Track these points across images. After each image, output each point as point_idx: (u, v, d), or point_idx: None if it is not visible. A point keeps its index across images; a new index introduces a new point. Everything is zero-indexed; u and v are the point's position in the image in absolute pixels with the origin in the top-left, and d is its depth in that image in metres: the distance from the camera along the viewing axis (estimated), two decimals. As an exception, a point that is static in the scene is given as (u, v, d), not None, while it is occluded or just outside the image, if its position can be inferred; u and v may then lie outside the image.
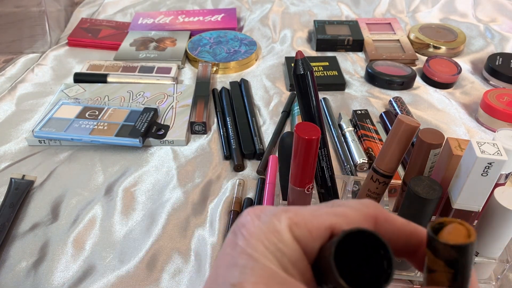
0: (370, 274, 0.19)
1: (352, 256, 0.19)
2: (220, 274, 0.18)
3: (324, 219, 0.19)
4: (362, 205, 0.20)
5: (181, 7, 1.01)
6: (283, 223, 0.19)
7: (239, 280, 0.17)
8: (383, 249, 0.18)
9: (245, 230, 0.19)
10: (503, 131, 0.37)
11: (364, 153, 0.58)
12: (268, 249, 0.18)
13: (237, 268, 0.18)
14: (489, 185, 0.34)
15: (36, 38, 0.86)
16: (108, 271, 0.45)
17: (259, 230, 0.19)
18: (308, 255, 0.19)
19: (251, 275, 0.17)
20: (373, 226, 0.20)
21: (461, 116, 0.68)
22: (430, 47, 0.83)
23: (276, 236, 0.18)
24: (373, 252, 0.18)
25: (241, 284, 0.17)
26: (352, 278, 0.18)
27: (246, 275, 0.17)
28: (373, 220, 0.20)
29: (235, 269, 0.18)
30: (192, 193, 0.54)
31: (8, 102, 0.70)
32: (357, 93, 0.73)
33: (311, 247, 0.19)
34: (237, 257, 0.18)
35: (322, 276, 0.19)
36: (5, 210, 0.50)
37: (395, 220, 0.20)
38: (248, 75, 0.78)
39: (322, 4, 1.03)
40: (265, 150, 0.60)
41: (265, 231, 0.19)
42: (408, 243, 0.20)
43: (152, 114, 0.63)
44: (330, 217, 0.19)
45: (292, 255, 0.19)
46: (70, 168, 0.58)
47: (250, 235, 0.19)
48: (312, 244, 0.19)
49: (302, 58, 0.36)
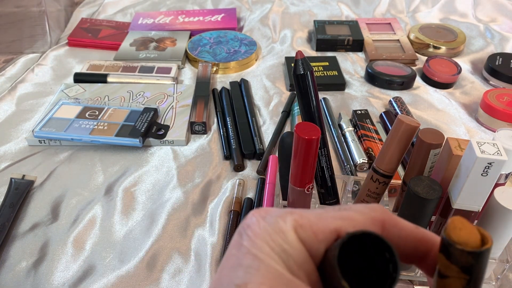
0: (375, 278, 0.19)
1: (357, 259, 0.19)
2: (225, 275, 0.18)
3: (330, 222, 0.19)
4: (369, 209, 0.20)
5: (181, 7, 1.01)
6: (289, 224, 0.19)
7: (244, 281, 0.17)
8: (388, 252, 0.18)
9: (250, 231, 0.19)
10: (503, 131, 0.37)
11: (364, 153, 0.58)
12: (274, 249, 0.18)
13: (242, 268, 0.18)
14: (489, 185, 0.34)
15: (36, 38, 0.86)
16: (108, 271, 0.45)
17: (264, 231, 0.19)
18: (314, 258, 0.19)
19: (256, 275, 0.17)
20: (381, 231, 0.20)
21: (461, 116, 0.68)
22: (430, 47, 0.83)
23: (282, 237, 0.18)
24: (379, 255, 0.18)
25: (245, 285, 0.17)
26: (356, 281, 0.18)
27: (251, 275, 0.17)
28: (380, 224, 0.20)
29: (239, 269, 0.18)
30: (192, 193, 0.54)
31: (8, 102, 0.70)
32: (357, 93, 0.73)
33: (317, 250, 0.19)
34: (242, 258, 0.18)
35: (327, 279, 0.19)
36: (5, 210, 0.50)
37: (404, 225, 0.20)
38: (248, 75, 0.78)
39: (322, 4, 1.03)
40: (265, 150, 0.60)
41: (270, 232, 0.18)
42: (417, 248, 0.20)
43: (152, 114, 0.63)
44: (336, 220, 0.19)
45: (298, 257, 0.18)
46: (70, 168, 0.58)
47: (255, 235, 0.18)
48: (317, 246, 0.19)
49: (302, 58, 0.36)
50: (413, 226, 0.20)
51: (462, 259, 0.18)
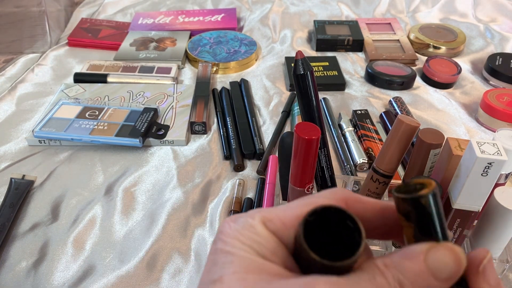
0: (344, 250, 0.19)
1: (326, 237, 0.20)
2: (203, 278, 0.19)
3: (295, 210, 0.20)
4: (330, 192, 0.21)
5: (181, 7, 1.01)
6: (257, 219, 0.20)
7: (219, 275, 0.18)
8: (351, 221, 0.19)
9: (222, 234, 0.20)
10: (503, 131, 0.37)
11: (364, 153, 0.58)
12: (245, 243, 0.19)
13: (217, 266, 0.19)
14: (489, 185, 0.34)
15: (36, 38, 0.86)
16: (108, 271, 0.45)
17: (235, 230, 0.20)
18: (288, 246, 0.20)
19: (230, 267, 0.18)
20: (345, 207, 0.21)
21: (461, 116, 0.68)
22: (430, 47, 0.83)
23: (251, 231, 0.19)
24: (344, 228, 0.19)
25: (221, 278, 0.18)
26: (328, 256, 0.18)
27: (225, 269, 0.18)
28: (344, 203, 0.21)
29: (215, 267, 0.19)
30: (192, 193, 0.54)
31: (8, 102, 0.70)
32: (357, 93, 0.73)
33: (288, 237, 0.20)
34: (216, 258, 0.19)
35: (301, 261, 0.20)
36: (5, 210, 0.50)
37: (366, 200, 0.21)
38: (248, 75, 0.78)
39: (322, 4, 1.03)
40: (265, 150, 0.60)
41: (240, 229, 0.20)
42: (384, 218, 0.21)
43: (152, 114, 0.63)
44: (301, 207, 0.20)
45: (269, 245, 0.19)
46: (70, 168, 0.58)
47: (227, 236, 0.20)
48: (287, 233, 0.20)
49: (302, 58, 0.36)
50: (375, 200, 0.21)
51: (401, 206, 0.19)
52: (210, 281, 0.18)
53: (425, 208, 0.18)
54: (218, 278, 0.18)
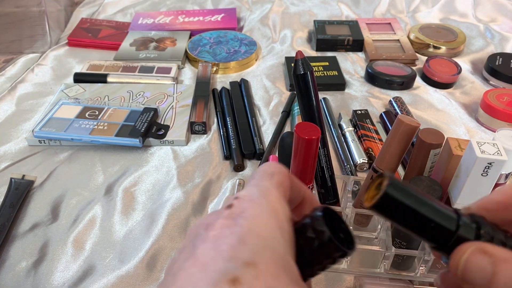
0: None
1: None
2: (223, 249, 0.18)
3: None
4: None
5: (181, 7, 1.01)
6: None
7: (252, 259, 0.17)
8: (343, 227, 0.21)
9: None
10: (503, 131, 0.37)
11: (364, 153, 0.58)
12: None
13: (247, 246, 0.17)
14: (489, 185, 0.34)
15: (36, 38, 0.86)
16: (108, 271, 0.45)
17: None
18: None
19: (263, 254, 0.18)
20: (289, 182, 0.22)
21: (461, 116, 0.68)
22: (430, 47, 0.83)
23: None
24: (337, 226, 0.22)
25: (255, 264, 0.17)
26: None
27: (259, 254, 0.17)
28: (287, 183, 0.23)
29: (244, 247, 0.17)
30: (192, 193, 0.54)
31: (8, 102, 0.70)
32: (357, 93, 0.73)
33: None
34: (245, 237, 0.19)
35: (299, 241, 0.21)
36: (5, 210, 0.50)
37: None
38: (248, 75, 0.78)
39: (322, 4, 1.03)
40: (265, 150, 0.60)
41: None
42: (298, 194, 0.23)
43: (152, 114, 0.63)
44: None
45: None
46: (70, 168, 0.58)
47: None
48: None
49: (302, 58, 0.36)
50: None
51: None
52: (239, 259, 0.17)
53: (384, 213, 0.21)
54: (251, 262, 0.17)
